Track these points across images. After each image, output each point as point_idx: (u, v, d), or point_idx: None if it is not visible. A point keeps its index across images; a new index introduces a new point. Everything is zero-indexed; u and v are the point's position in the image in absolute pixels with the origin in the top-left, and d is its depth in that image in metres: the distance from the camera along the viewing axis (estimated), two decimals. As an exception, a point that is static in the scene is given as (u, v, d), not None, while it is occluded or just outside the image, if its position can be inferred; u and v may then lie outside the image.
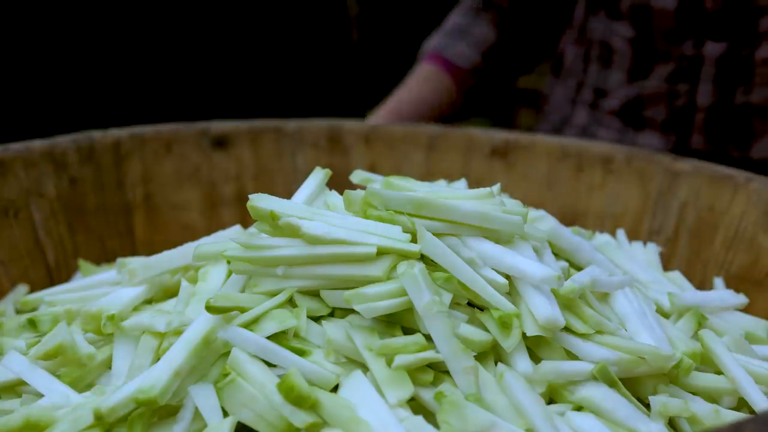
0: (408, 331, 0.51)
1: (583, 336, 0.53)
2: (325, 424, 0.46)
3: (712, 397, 0.55)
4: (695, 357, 0.55)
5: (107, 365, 0.55)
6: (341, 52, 1.69)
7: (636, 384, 0.53)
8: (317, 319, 0.53)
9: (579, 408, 0.51)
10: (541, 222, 0.62)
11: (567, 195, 0.82)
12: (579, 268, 0.59)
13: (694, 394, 0.54)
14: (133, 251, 0.79)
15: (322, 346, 0.51)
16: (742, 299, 0.66)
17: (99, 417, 0.47)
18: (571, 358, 0.52)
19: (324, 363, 0.50)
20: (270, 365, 0.50)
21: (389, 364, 0.48)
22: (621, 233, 0.75)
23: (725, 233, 0.74)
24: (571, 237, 0.61)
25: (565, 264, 0.59)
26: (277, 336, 0.51)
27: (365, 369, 0.49)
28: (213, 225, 0.81)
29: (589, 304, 0.56)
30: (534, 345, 0.52)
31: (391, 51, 2.26)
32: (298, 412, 0.46)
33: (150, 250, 0.70)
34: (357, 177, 0.64)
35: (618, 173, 0.80)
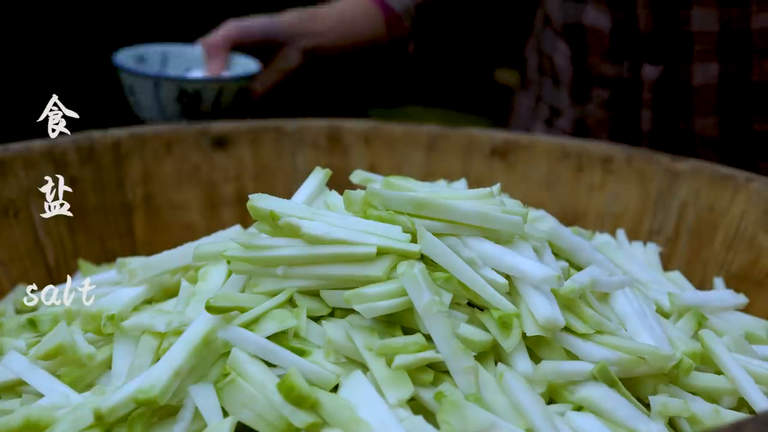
0: (408, 331, 0.51)
1: (583, 336, 0.53)
2: (325, 424, 0.46)
3: (712, 397, 0.55)
4: (695, 357, 0.55)
5: (107, 365, 0.55)
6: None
7: (636, 384, 0.53)
8: (317, 319, 0.53)
9: (579, 408, 0.51)
10: (541, 222, 0.62)
11: (567, 195, 0.82)
12: (579, 268, 0.59)
13: (694, 394, 0.54)
14: (133, 251, 0.79)
15: (322, 346, 0.51)
16: (742, 299, 0.66)
17: (99, 417, 0.47)
18: (571, 358, 0.52)
19: (324, 363, 0.50)
20: (270, 365, 0.50)
21: (389, 364, 0.48)
22: (621, 233, 0.75)
23: (725, 233, 0.74)
24: (571, 237, 0.61)
25: (565, 264, 0.59)
26: (277, 336, 0.51)
27: (365, 369, 0.49)
28: (213, 225, 0.81)
29: (589, 304, 0.55)
30: (534, 345, 0.52)
31: (391, 50, 2.25)
32: (298, 412, 0.46)
33: (150, 250, 0.70)
34: (357, 177, 0.64)
35: (618, 173, 0.80)
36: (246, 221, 0.64)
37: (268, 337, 0.50)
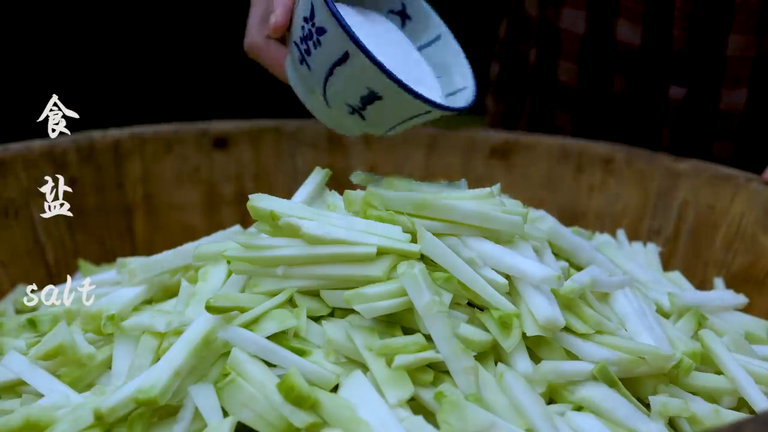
0: (408, 331, 0.51)
1: (583, 336, 0.53)
2: (325, 424, 0.46)
3: (712, 397, 0.55)
4: (695, 357, 0.55)
5: (107, 365, 0.55)
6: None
7: (636, 384, 0.53)
8: (317, 319, 0.53)
9: (579, 408, 0.51)
10: (541, 222, 0.62)
11: (567, 195, 0.82)
12: (579, 268, 0.59)
13: (694, 394, 0.54)
14: (133, 251, 0.79)
15: (322, 346, 0.51)
16: (742, 299, 0.66)
17: (99, 417, 0.47)
18: (571, 358, 0.52)
19: (324, 363, 0.50)
20: (270, 365, 0.50)
21: (389, 364, 0.48)
22: (621, 233, 0.75)
23: (725, 233, 0.74)
24: (571, 237, 0.61)
25: (565, 264, 0.59)
26: (277, 336, 0.51)
27: (365, 369, 0.49)
28: (213, 225, 0.81)
29: (589, 304, 0.55)
30: (534, 345, 0.52)
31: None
32: (298, 412, 0.46)
33: (150, 250, 0.70)
34: (357, 177, 0.64)
35: (618, 173, 0.80)
36: (246, 221, 0.64)
37: (268, 337, 0.50)
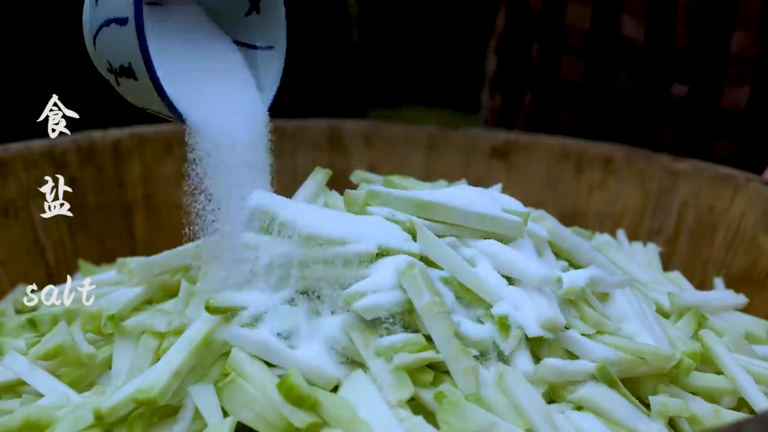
0: (408, 331, 0.51)
1: (583, 336, 0.53)
2: (325, 424, 0.46)
3: (712, 397, 0.55)
4: (695, 357, 0.55)
5: (107, 365, 0.55)
6: (341, 52, 1.69)
7: (636, 384, 0.53)
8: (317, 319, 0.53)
9: (579, 408, 0.51)
10: (541, 222, 0.62)
11: (567, 195, 0.82)
12: (579, 268, 0.59)
13: (694, 394, 0.54)
14: (133, 251, 0.79)
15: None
16: (742, 299, 0.66)
17: (99, 417, 0.47)
18: (571, 358, 0.52)
19: (324, 363, 0.50)
20: (270, 365, 0.50)
21: (389, 363, 0.48)
22: (621, 233, 0.75)
23: (725, 233, 0.74)
24: (571, 237, 0.61)
25: (565, 264, 0.59)
26: (277, 336, 0.51)
27: (365, 369, 0.49)
28: (213, 225, 0.81)
29: (590, 303, 0.55)
30: (534, 345, 0.52)
31: (391, 51, 2.26)
32: (298, 412, 0.46)
33: (150, 250, 0.70)
34: (357, 177, 0.64)
35: (618, 173, 0.80)
36: (246, 221, 0.64)
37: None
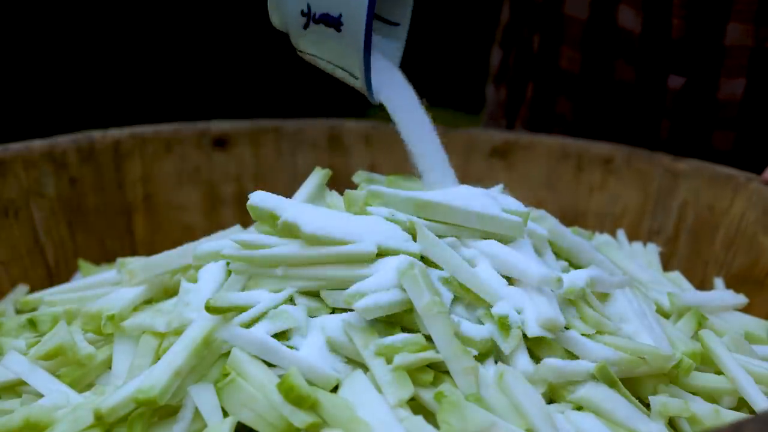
0: (408, 331, 0.51)
1: (583, 336, 0.53)
2: (325, 424, 0.46)
3: (712, 397, 0.55)
4: (695, 357, 0.55)
5: (107, 365, 0.55)
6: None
7: (636, 384, 0.53)
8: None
9: (579, 408, 0.51)
10: (541, 222, 0.62)
11: (567, 195, 0.82)
12: (579, 268, 0.59)
13: (694, 394, 0.54)
14: (133, 251, 0.79)
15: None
16: (742, 299, 0.66)
17: (99, 417, 0.47)
18: (571, 358, 0.52)
19: (324, 363, 0.50)
20: (270, 365, 0.50)
21: (389, 363, 0.48)
22: (621, 233, 0.75)
23: (725, 233, 0.74)
24: (571, 237, 0.61)
25: (565, 264, 0.59)
26: (277, 336, 0.51)
27: (365, 369, 0.49)
28: (213, 225, 0.81)
29: (590, 303, 0.55)
30: (534, 345, 0.52)
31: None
32: (298, 412, 0.46)
33: (150, 250, 0.70)
34: (359, 177, 0.64)
35: (618, 173, 0.80)
36: (246, 221, 0.64)
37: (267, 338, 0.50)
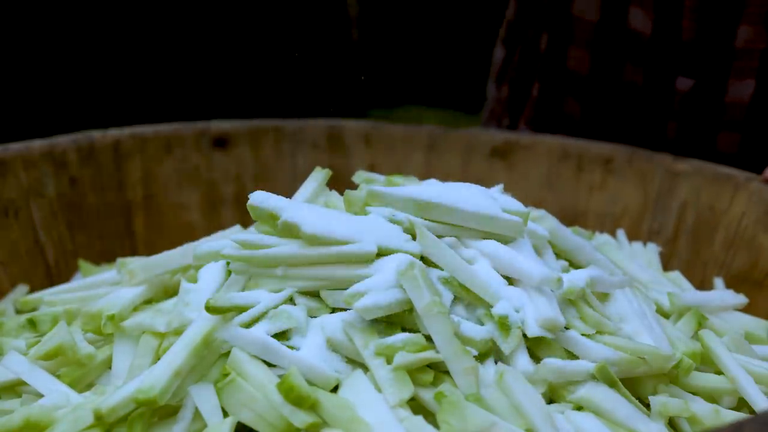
0: (408, 331, 0.51)
1: (583, 336, 0.53)
2: (325, 424, 0.46)
3: (712, 397, 0.55)
4: (695, 357, 0.55)
5: (107, 365, 0.55)
6: (341, 52, 1.69)
7: (636, 384, 0.53)
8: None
9: (579, 408, 0.51)
10: (542, 222, 0.62)
11: (567, 195, 0.82)
12: (579, 268, 0.59)
13: (694, 394, 0.54)
14: (133, 251, 0.79)
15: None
16: (742, 299, 0.66)
17: (99, 417, 0.47)
18: (571, 358, 0.52)
19: (324, 363, 0.50)
20: (270, 365, 0.50)
21: (389, 363, 0.48)
22: (621, 233, 0.75)
23: (725, 233, 0.74)
24: (571, 237, 0.61)
25: (565, 264, 0.59)
26: (277, 336, 0.51)
27: (365, 369, 0.49)
28: (213, 225, 0.81)
29: (590, 303, 0.55)
30: (534, 345, 0.52)
31: (391, 51, 2.26)
32: (298, 412, 0.46)
33: (150, 250, 0.70)
34: (359, 177, 0.64)
35: (618, 173, 0.80)
36: (246, 221, 0.64)
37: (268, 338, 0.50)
